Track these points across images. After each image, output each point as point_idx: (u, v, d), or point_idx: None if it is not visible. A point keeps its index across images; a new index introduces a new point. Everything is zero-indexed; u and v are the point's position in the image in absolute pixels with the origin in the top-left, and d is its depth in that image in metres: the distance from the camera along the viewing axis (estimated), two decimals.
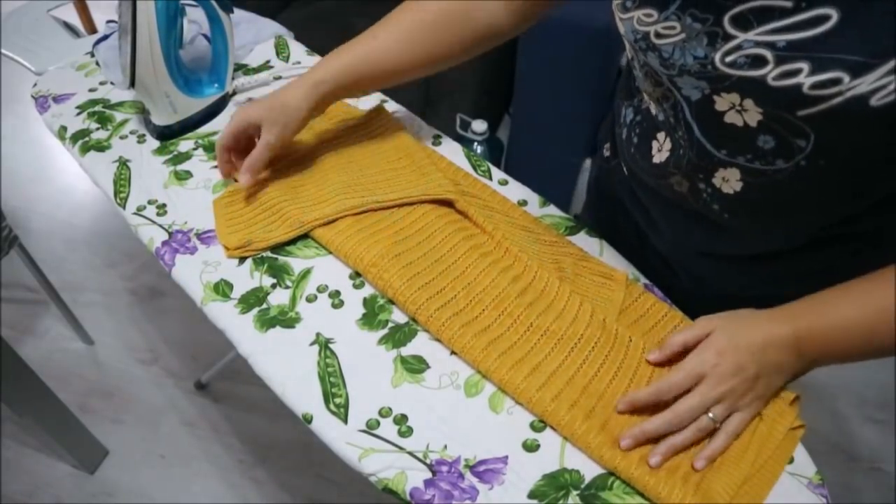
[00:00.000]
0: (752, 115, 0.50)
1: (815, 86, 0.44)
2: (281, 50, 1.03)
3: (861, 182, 0.53)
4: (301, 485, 1.38)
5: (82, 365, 1.60)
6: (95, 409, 1.51)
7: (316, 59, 1.02)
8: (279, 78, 0.96)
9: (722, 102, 0.51)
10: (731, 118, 0.51)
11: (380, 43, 0.73)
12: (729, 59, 0.47)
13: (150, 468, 1.41)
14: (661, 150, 0.62)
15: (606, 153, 0.79)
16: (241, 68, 0.99)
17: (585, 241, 0.72)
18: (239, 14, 0.99)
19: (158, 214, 0.76)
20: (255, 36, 1.06)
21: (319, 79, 0.73)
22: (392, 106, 0.91)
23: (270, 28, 1.08)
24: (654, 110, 0.61)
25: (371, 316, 0.65)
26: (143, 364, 1.60)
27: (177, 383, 1.56)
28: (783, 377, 0.54)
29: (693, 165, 0.58)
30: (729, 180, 0.56)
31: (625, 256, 0.72)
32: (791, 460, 0.54)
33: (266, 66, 1.00)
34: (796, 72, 0.44)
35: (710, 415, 0.52)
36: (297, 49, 1.04)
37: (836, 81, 0.43)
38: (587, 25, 1.38)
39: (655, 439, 0.53)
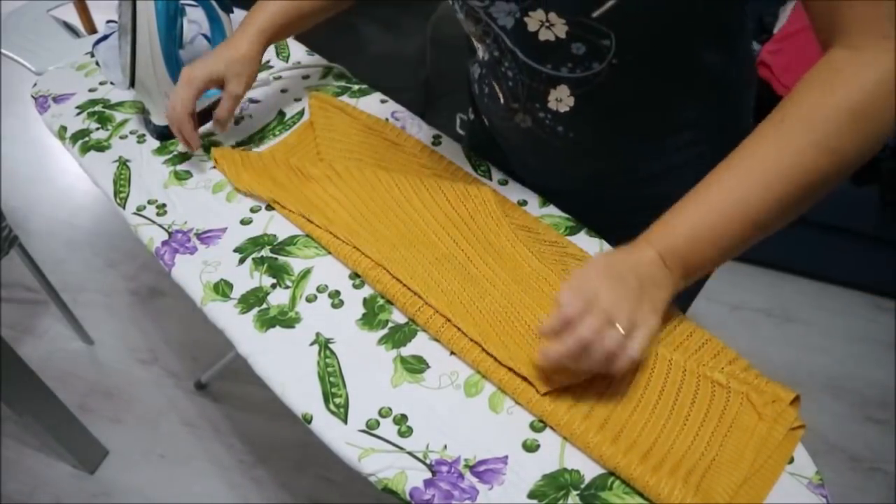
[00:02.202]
0: (560, 28, 0.56)
1: None
2: (281, 50, 1.03)
3: (667, 68, 0.61)
4: (301, 485, 1.38)
5: (82, 365, 1.60)
6: (95, 409, 1.51)
7: (316, 58, 1.01)
8: (279, 78, 0.96)
9: (532, 22, 0.57)
10: (544, 35, 0.58)
11: None
12: None
13: (149, 468, 1.41)
14: (501, 90, 0.69)
15: (471, 116, 0.87)
16: None
17: (585, 241, 0.72)
18: (239, 14, 0.99)
19: (158, 214, 0.76)
20: None
21: (261, 27, 0.78)
22: (392, 106, 0.91)
23: None
24: (481, 53, 0.67)
25: (371, 316, 0.64)
26: (143, 364, 1.60)
27: (177, 383, 1.56)
28: (665, 291, 0.54)
29: (528, 90, 0.65)
30: (562, 99, 0.63)
31: None
32: (791, 460, 0.54)
33: (266, 66, 1.00)
34: None
35: (617, 324, 0.50)
36: (296, 49, 1.04)
37: None
38: None
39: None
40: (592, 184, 0.74)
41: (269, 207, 0.76)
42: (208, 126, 0.89)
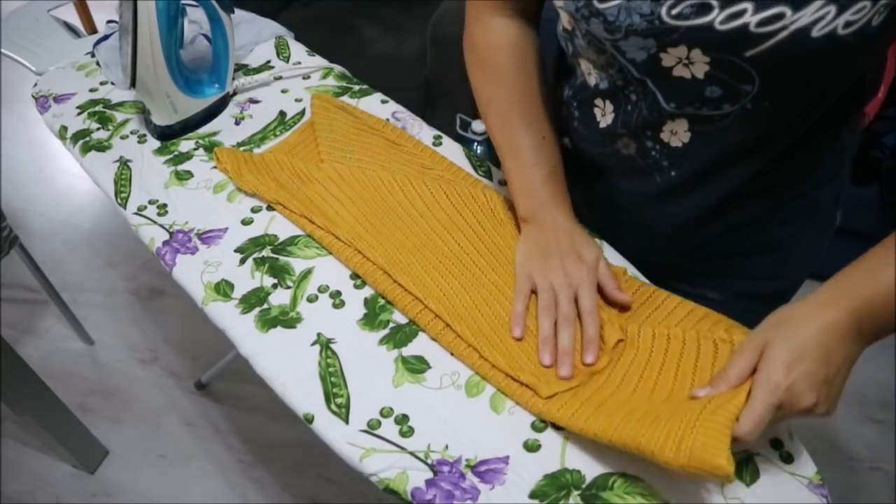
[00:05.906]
0: (699, 67, 0.51)
1: (760, 23, 0.46)
2: (281, 50, 1.03)
3: (795, 125, 0.56)
4: (301, 485, 1.39)
5: (82, 365, 1.60)
6: (95, 409, 1.51)
7: (316, 59, 1.01)
8: (279, 78, 0.96)
9: (668, 58, 0.52)
10: (679, 72, 0.53)
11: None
12: (675, 11, 0.48)
13: (150, 468, 1.41)
14: (604, 114, 0.63)
15: (564, 139, 0.80)
16: (242, 68, 0.99)
17: None
18: (239, 14, 0.99)
19: (159, 214, 0.76)
20: (255, 36, 1.06)
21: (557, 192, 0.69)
22: (392, 106, 0.91)
23: (271, 28, 1.08)
24: (594, 80, 0.62)
25: (372, 316, 0.65)
26: (144, 364, 1.60)
27: (177, 383, 1.56)
28: (851, 363, 0.50)
29: (643, 121, 0.59)
30: (677, 133, 0.58)
31: None
32: (791, 460, 0.54)
33: (266, 66, 1.00)
34: (741, 12, 0.46)
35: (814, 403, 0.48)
36: (297, 49, 1.04)
37: (780, 16, 0.45)
38: None
39: None
40: (675, 227, 0.69)
41: (270, 208, 0.76)
42: (208, 126, 0.89)
